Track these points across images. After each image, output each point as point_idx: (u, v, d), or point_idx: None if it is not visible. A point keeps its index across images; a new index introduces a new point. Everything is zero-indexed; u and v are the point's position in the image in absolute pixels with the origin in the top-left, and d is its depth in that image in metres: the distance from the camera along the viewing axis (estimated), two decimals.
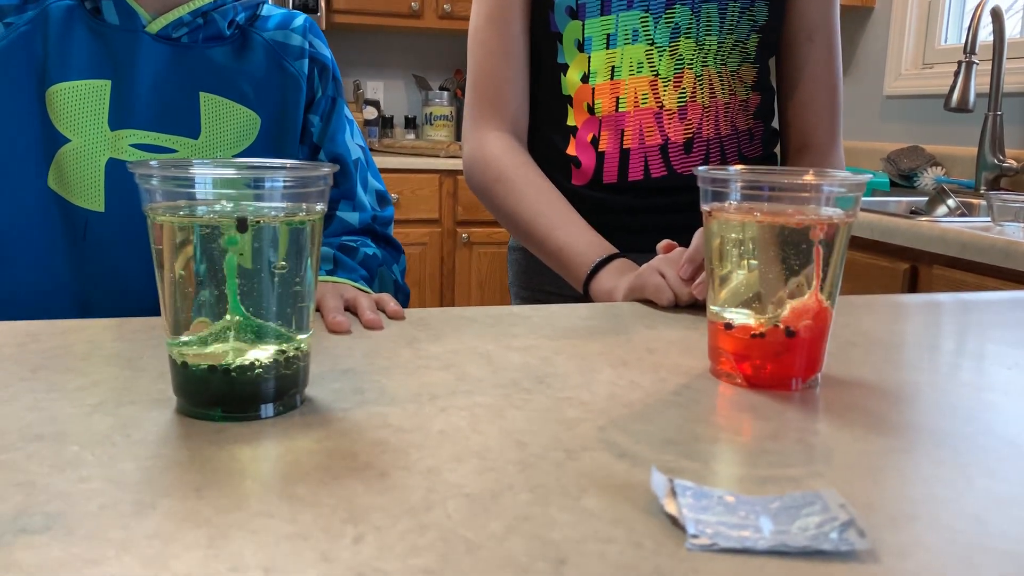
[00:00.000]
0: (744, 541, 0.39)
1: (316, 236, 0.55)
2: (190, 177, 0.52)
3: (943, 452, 0.52)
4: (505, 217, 1.05)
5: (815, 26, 1.05)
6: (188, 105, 0.87)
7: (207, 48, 0.88)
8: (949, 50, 2.68)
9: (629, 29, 1.00)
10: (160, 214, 0.52)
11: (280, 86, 0.93)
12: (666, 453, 0.51)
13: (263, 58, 0.91)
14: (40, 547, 0.38)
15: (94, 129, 0.85)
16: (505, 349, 0.71)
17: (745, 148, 1.08)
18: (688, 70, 1.01)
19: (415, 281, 3.13)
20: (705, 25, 1.00)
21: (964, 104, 2.10)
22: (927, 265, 1.72)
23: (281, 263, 0.53)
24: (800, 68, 1.07)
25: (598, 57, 1.01)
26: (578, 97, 1.04)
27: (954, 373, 0.69)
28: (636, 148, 1.03)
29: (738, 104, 1.05)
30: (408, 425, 0.54)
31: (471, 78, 1.07)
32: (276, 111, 0.93)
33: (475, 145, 1.06)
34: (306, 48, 0.94)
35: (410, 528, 0.41)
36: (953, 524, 0.42)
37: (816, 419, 0.57)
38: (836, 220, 0.61)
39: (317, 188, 0.54)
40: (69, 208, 0.86)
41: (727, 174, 0.63)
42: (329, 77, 0.97)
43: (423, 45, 3.64)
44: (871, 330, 0.82)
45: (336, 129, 0.97)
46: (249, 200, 0.52)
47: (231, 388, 0.53)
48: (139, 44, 0.84)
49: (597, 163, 1.04)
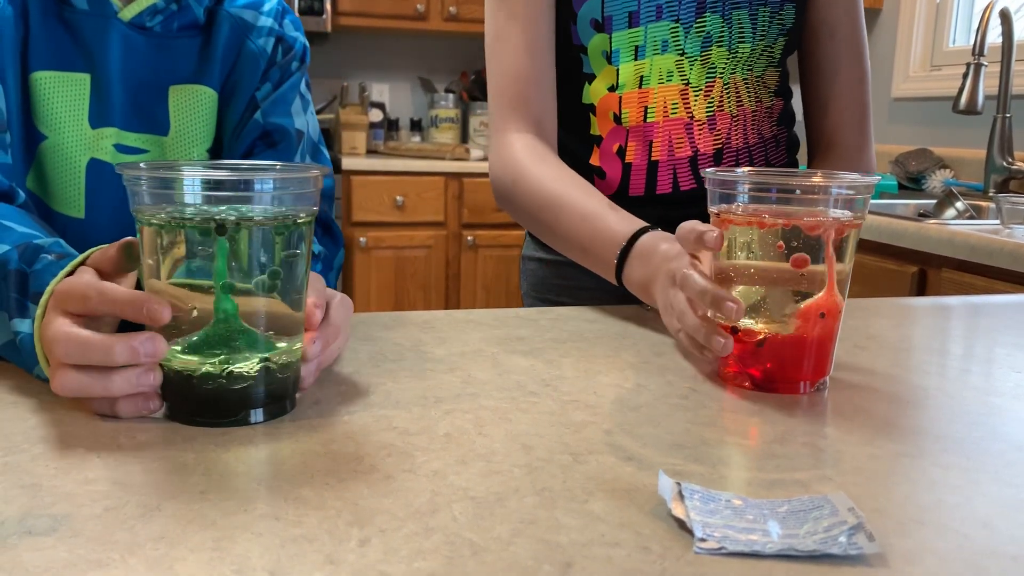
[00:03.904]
0: (752, 545, 0.39)
1: (307, 239, 0.55)
2: (177, 180, 0.52)
3: (951, 457, 0.52)
4: (530, 224, 0.98)
5: (837, 22, 1.01)
6: (158, 100, 0.83)
7: (180, 38, 0.83)
8: (957, 52, 2.67)
9: (658, 40, 0.96)
10: (146, 217, 0.51)
11: (238, 61, 0.87)
12: (673, 456, 0.50)
13: (227, 32, 0.86)
14: (46, 549, 0.38)
15: (73, 126, 0.80)
16: (511, 352, 0.71)
17: (772, 156, 1.05)
18: (719, 79, 0.98)
19: (420, 284, 3.13)
20: (738, 32, 0.97)
21: (973, 106, 2.09)
22: (935, 268, 1.71)
23: (275, 268, 0.52)
24: (822, 66, 1.03)
25: (626, 68, 0.97)
26: (603, 106, 1.00)
27: (962, 377, 0.68)
28: (665, 160, 0.99)
29: (764, 111, 1.02)
30: (414, 428, 0.54)
31: (493, 83, 1.00)
32: (228, 86, 0.87)
33: (495, 152, 0.99)
34: (275, 29, 0.89)
35: (416, 531, 0.40)
36: (962, 529, 0.42)
37: (824, 423, 0.57)
38: (844, 222, 0.61)
39: (307, 191, 0.54)
40: (48, 213, 0.81)
41: (735, 176, 0.63)
42: (295, 57, 0.91)
43: (429, 47, 3.64)
44: (879, 333, 0.82)
45: (285, 98, 0.89)
46: (238, 204, 0.52)
47: (218, 395, 0.52)
48: (112, 34, 0.79)
49: (623, 175, 1.00)
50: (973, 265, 1.62)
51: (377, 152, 3.39)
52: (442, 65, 3.67)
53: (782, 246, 0.61)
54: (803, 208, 0.61)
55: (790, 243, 0.60)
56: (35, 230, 0.64)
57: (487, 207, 3.11)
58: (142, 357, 0.50)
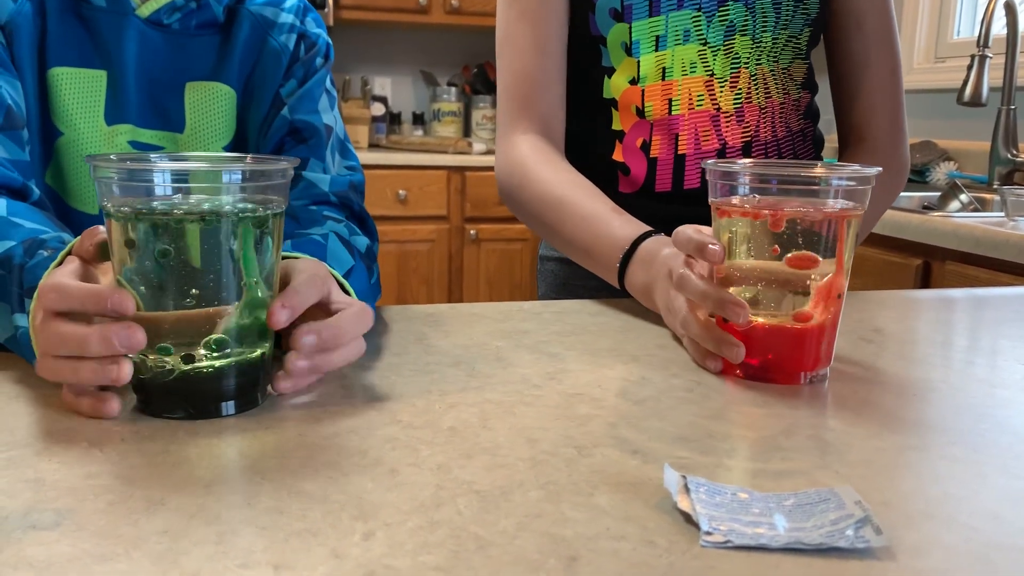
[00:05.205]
0: (759, 538, 0.39)
1: (277, 232, 0.54)
2: (148, 171, 0.51)
3: (958, 449, 0.51)
4: (534, 224, 0.97)
5: (864, 12, 0.99)
6: (175, 98, 0.83)
7: (198, 35, 0.83)
8: (962, 44, 2.66)
9: (680, 29, 0.94)
10: (113, 210, 0.51)
11: (260, 58, 0.86)
12: (678, 449, 0.50)
13: (248, 30, 0.85)
14: (50, 543, 0.38)
15: (89, 123, 0.80)
16: (515, 345, 0.71)
17: (800, 150, 1.02)
18: (744, 69, 0.96)
19: (423, 279, 3.13)
20: (761, 21, 0.95)
21: (977, 98, 2.08)
22: (940, 261, 1.71)
23: (251, 262, 0.52)
24: (851, 58, 1.01)
25: (647, 60, 0.95)
26: (624, 100, 0.97)
27: (967, 369, 0.68)
28: (692, 154, 0.96)
29: (791, 103, 1.00)
30: (418, 422, 0.53)
31: (501, 83, 0.99)
32: (252, 84, 0.86)
33: (501, 152, 0.98)
34: (297, 26, 0.88)
35: (420, 525, 0.40)
36: (970, 522, 0.42)
37: (829, 415, 0.57)
38: (844, 213, 0.60)
39: (276, 182, 0.53)
40: (65, 210, 0.82)
41: (735, 167, 0.63)
42: (318, 53, 0.90)
43: (431, 41, 3.63)
44: (883, 326, 0.81)
45: (311, 94, 0.88)
46: (208, 195, 0.51)
47: (190, 388, 0.52)
48: (130, 31, 0.79)
49: (649, 170, 0.97)
50: (977, 257, 1.61)
51: (379, 146, 3.39)
52: (444, 59, 3.66)
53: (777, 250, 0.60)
54: (803, 199, 0.61)
55: (790, 234, 0.60)
56: (45, 226, 0.64)
57: (490, 201, 3.10)
58: (118, 348, 0.50)
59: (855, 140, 1.03)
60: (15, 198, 0.70)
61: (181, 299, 0.51)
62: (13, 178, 0.71)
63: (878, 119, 1.02)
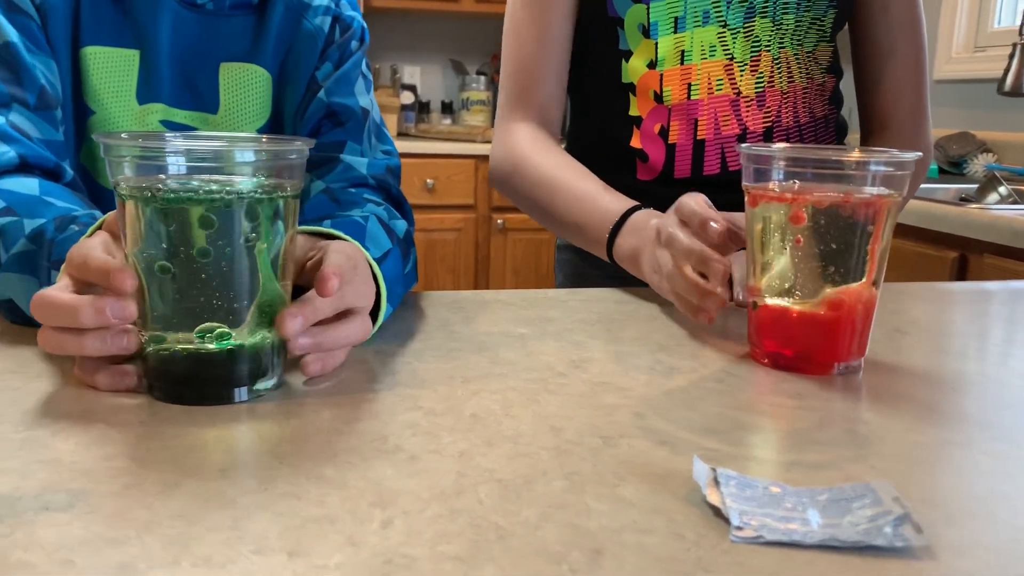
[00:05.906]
0: (792, 534, 0.37)
1: (291, 216, 0.53)
2: (159, 151, 0.50)
3: (1001, 445, 0.49)
4: (527, 207, 0.98)
5: None
6: (209, 78, 0.84)
7: (233, 16, 0.83)
8: (1003, 32, 2.59)
9: (699, 10, 0.93)
10: (123, 191, 0.50)
11: (295, 41, 0.86)
12: (708, 441, 0.48)
13: (282, 12, 0.85)
14: (62, 525, 0.37)
15: (121, 102, 0.81)
16: (540, 333, 0.69)
17: (823, 136, 1.01)
18: (765, 52, 0.94)
19: (449, 267, 3.12)
20: (782, 2, 0.93)
21: (1018, 88, 2.03)
22: (977, 254, 1.67)
23: (261, 244, 0.51)
24: (876, 43, 0.99)
25: (665, 42, 0.94)
26: (643, 84, 0.96)
27: (1005, 362, 0.66)
28: (712, 139, 0.95)
29: (815, 88, 0.98)
30: (440, 408, 0.52)
31: (503, 70, 1.00)
32: (287, 67, 0.86)
33: (498, 139, 1.00)
34: (332, 8, 0.88)
35: (440, 513, 0.39)
36: (1016, 521, 0.40)
37: (864, 407, 0.55)
38: (883, 199, 0.58)
39: (290, 162, 0.52)
40: (97, 189, 0.82)
41: (769, 151, 0.61)
42: (353, 36, 0.90)
43: (460, 29, 3.62)
44: (919, 318, 0.79)
45: (348, 77, 0.88)
46: (221, 175, 0.50)
47: (199, 371, 0.52)
48: (164, 10, 0.80)
49: (667, 156, 0.96)
50: (1016, 250, 1.57)
51: (408, 135, 3.38)
52: (473, 47, 3.64)
53: (817, 224, 0.58)
54: (839, 185, 0.59)
55: (825, 221, 0.58)
56: (77, 205, 0.65)
57: None
58: (111, 320, 0.49)
59: (878, 127, 1.02)
60: (48, 178, 0.70)
61: (190, 281, 0.50)
62: (46, 158, 0.72)
63: (902, 106, 1.00)
